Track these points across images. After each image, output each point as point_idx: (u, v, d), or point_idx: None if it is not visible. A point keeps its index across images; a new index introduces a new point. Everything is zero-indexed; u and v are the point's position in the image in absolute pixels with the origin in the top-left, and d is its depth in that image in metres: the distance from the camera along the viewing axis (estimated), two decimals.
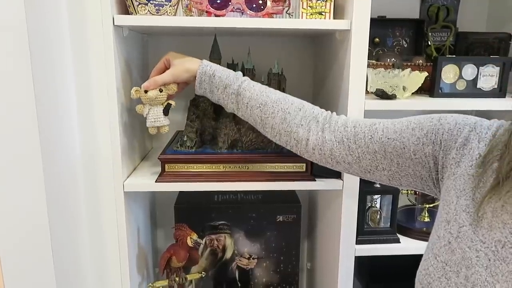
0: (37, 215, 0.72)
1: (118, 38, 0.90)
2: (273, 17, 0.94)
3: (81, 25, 0.84)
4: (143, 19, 0.88)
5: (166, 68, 0.89)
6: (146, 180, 0.96)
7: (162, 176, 0.95)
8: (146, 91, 0.88)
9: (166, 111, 0.91)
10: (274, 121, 0.78)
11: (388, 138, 0.66)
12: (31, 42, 0.66)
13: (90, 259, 0.92)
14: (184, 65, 0.85)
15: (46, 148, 0.71)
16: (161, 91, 0.89)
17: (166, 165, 0.96)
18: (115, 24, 0.85)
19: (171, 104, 0.92)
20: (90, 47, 0.85)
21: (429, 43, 1.23)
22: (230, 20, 0.89)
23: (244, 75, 1.02)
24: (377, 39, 1.25)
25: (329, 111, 0.79)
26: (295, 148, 0.78)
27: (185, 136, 1.00)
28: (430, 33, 1.24)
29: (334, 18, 0.93)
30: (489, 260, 0.48)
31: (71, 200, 0.84)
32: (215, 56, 1.05)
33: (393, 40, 1.27)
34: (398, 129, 0.66)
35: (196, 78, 0.83)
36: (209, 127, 1.04)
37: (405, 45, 1.27)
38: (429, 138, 0.62)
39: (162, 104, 0.91)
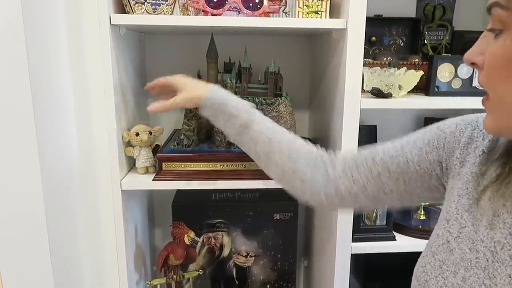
0: (35, 214, 0.72)
1: (115, 37, 0.90)
2: (269, 16, 0.94)
3: (78, 24, 0.84)
4: (139, 18, 0.88)
5: (167, 86, 0.85)
6: (144, 179, 0.97)
7: (160, 175, 0.96)
8: (137, 134, 0.96)
9: (155, 152, 0.99)
10: (280, 157, 0.71)
11: (390, 157, 0.64)
12: (28, 41, 0.67)
13: (88, 257, 0.92)
14: (194, 92, 0.78)
15: (43, 147, 0.72)
16: (150, 133, 0.97)
17: (163, 163, 0.96)
18: (112, 23, 0.86)
19: (159, 145, 1.03)
20: (87, 46, 0.86)
21: (426, 42, 1.24)
22: (227, 19, 0.90)
23: (241, 73, 1.03)
24: (373, 38, 1.26)
25: (326, 151, 0.74)
26: (298, 189, 0.72)
27: (182, 135, 1.00)
28: (426, 32, 1.24)
29: (330, 17, 0.94)
30: (487, 261, 0.47)
31: (68, 198, 0.84)
32: (212, 55, 1.06)
33: (390, 39, 1.28)
34: (398, 146, 0.64)
35: (204, 102, 0.76)
36: (206, 125, 1.04)
37: (402, 44, 1.28)
38: (432, 145, 0.60)
39: (151, 145, 1.00)
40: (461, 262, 0.50)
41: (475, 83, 1.06)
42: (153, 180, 0.95)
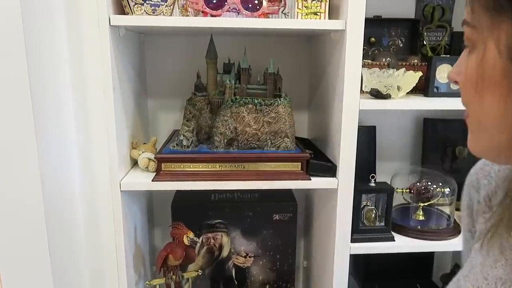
0: (34, 214, 0.72)
1: (115, 38, 0.90)
2: (268, 17, 0.94)
3: (77, 25, 0.84)
4: (139, 19, 0.88)
5: None
6: (143, 179, 0.97)
7: (159, 175, 0.96)
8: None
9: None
10: None
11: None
12: (27, 42, 0.67)
13: (87, 257, 0.93)
14: None
15: (43, 147, 0.72)
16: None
17: (162, 164, 0.96)
18: (111, 24, 0.86)
19: None
20: (86, 47, 0.86)
21: (425, 42, 1.24)
22: (226, 20, 0.90)
23: (240, 74, 1.03)
24: (372, 39, 1.26)
25: None
26: None
27: (182, 136, 1.00)
28: (425, 33, 1.24)
29: (329, 18, 0.94)
30: None
31: (68, 199, 0.85)
32: (211, 56, 1.06)
33: (389, 39, 1.28)
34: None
35: None
36: (205, 126, 1.04)
37: (401, 45, 1.28)
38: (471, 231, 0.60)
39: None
40: None
41: None
42: (152, 180, 0.95)
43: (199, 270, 1.17)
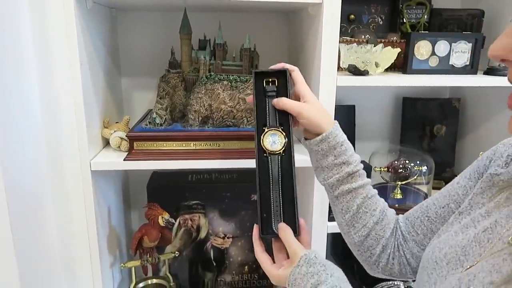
0: None
1: (81, 10, 0.86)
2: None
3: None
4: None
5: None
6: (114, 159, 0.94)
7: (131, 154, 0.93)
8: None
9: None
10: (372, 219, 0.70)
11: (442, 207, 0.64)
12: None
13: (58, 240, 0.89)
14: (319, 119, 0.71)
15: (4, 126, 0.68)
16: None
17: (134, 143, 0.93)
18: None
19: None
20: (50, 19, 0.81)
21: (404, 20, 1.22)
22: None
23: (215, 50, 1.00)
24: (352, 16, 1.24)
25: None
26: (375, 257, 0.71)
27: (155, 113, 0.97)
28: (405, 10, 1.23)
29: None
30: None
31: (34, 180, 0.81)
32: (185, 31, 1.02)
33: (369, 17, 1.26)
34: (445, 193, 0.65)
35: (323, 134, 0.70)
36: (179, 104, 1.01)
37: (381, 22, 1.26)
38: (473, 178, 0.60)
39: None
40: None
41: (452, 61, 1.05)
42: (124, 160, 0.92)
43: (176, 252, 1.15)
